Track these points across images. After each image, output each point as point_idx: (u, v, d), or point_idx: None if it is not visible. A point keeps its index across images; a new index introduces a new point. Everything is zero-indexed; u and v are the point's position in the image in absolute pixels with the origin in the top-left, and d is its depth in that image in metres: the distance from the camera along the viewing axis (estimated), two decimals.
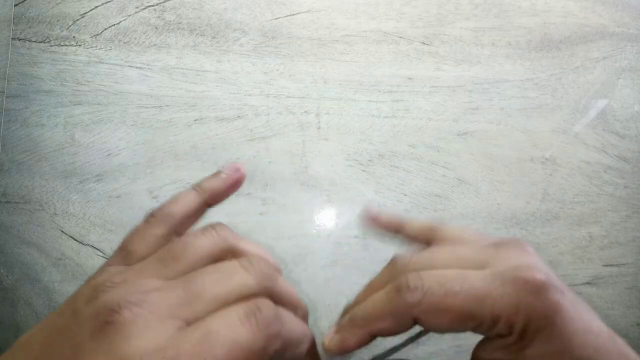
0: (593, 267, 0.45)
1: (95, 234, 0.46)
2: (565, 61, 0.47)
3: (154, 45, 0.48)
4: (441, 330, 0.20)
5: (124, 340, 0.15)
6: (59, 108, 0.47)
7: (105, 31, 0.48)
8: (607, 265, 0.45)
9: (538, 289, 0.19)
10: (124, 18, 0.48)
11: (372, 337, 0.21)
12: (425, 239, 0.24)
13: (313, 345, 0.21)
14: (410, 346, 0.23)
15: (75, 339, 0.16)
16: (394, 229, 0.26)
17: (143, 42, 0.48)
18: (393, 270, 0.22)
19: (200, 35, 0.47)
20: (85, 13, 0.48)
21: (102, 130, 0.47)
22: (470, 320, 0.20)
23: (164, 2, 0.48)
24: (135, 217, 0.46)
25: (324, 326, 0.45)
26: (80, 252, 0.46)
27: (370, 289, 0.23)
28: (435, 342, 0.45)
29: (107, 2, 0.48)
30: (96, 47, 0.48)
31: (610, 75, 0.47)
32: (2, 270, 0.47)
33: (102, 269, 0.19)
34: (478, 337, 0.23)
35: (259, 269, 0.19)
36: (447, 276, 0.20)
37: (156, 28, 0.48)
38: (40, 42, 0.48)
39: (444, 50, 0.47)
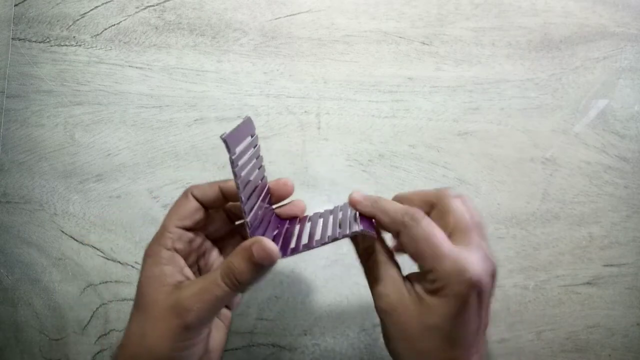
0: (593, 267, 0.45)
1: (95, 234, 0.46)
2: (565, 61, 0.47)
3: (154, 45, 0.47)
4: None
5: None
6: (59, 108, 0.47)
7: (105, 31, 0.48)
8: (607, 265, 0.45)
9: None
10: (124, 18, 0.48)
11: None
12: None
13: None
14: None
15: None
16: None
17: (143, 42, 0.48)
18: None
19: (200, 35, 0.47)
20: (85, 13, 0.48)
21: (102, 130, 0.47)
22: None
23: (164, 2, 0.48)
24: (135, 217, 0.46)
25: (324, 326, 0.45)
26: (80, 252, 0.46)
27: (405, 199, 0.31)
28: None
29: (107, 2, 0.48)
30: (96, 47, 0.48)
31: (611, 75, 0.47)
32: (2, 270, 0.47)
33: None
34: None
35: None
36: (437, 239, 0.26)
37: (156, 28, 0.48)
38: (40, 42, 0.48)
39: (444, 50, 0.47)
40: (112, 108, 0.47)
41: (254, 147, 0.31)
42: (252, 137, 0.31)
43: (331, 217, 0.31)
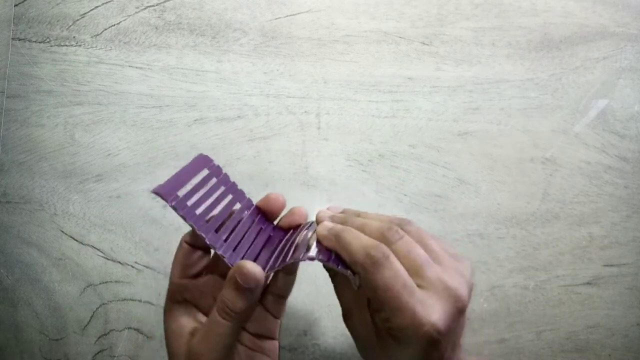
0: (593, 267, 0.45)
1: (95, 234, 0.46)
2: (565, 61, 0.47)
3: (154, 45, 0.47)
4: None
5: None
6: (59, 108, 0.47)
7: (105, 31, 0.48)
8: (607, 265, 0.45)
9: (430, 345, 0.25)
10: (124, 18, 0.48)
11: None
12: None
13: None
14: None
15: None
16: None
17: (143, 42, 0.48)
18: (384, 237, 0.27)
19: (200, 35, 0.47)
20: (85, 13, 0.48)
21: (102, 130, 0.47)
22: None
23: (164, 2, 0.48)
24: (136, 217, 0.46)
25: (324, 326, 0.45)
26: (80, 252, 0.46)
27: (365, 228, 0.28)
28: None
29: (107, 2, 0.48)
30: (96, 47, 0.48)
31: (610, 75, 0.47)
32: (2, 270, 0.47)
33: None
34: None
35: None
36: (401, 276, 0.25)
37: (156, 28, 0.48)
38: (40, 42, 0.48)
39: (444, 50, 0.47)
40: (112, 108, 0.47)
41: (216, 178, 0.32)
42: (209, 169, 0.32)
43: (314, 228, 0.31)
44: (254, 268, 0.27)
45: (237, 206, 0.32)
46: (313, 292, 0.45)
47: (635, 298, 0.45)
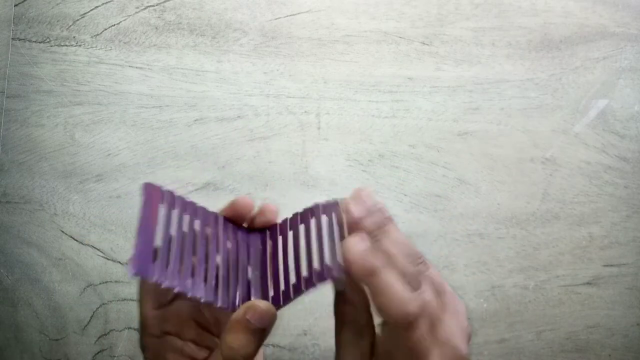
0: (593, 267, 0.45)
1: (95, 234, 0.46)
2: (565, 61, 0.47)
3: (154, 45, 0.48)
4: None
5: None
6: (59, 108, 0.47)
7: (105, 31, 0.48)
8: (607, 265, 0.45)
9: None
10: (124, 18, 0.48)
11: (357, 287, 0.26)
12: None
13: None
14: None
15: None
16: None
17: (143, 42, 0.48)
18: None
19: (200, 35, 0.47)
20: (85, 13, 0.48)
21: (102, 130, 0.47)
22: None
23: (164, 2, 0.48)
24: (136, 217, 0.46)
25: (324, 326, 0.45)
26: (80, 252, 0.46)
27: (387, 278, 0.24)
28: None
29: (107, 2, 0.48)
30: (96, 47, 0.48)
31: (610, 75, 0.47)
32: (2, 270, 0.47)
33: None
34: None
35: None
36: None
37: (156, 28, 0.48)
38: (40, 42, 0.48)
39: (444, 50, 0.47)
40: (112, 108, 0.47)
41: (176, 209, 0.27)
42: (163, 203, 0.26)
43: (313, 231, 0.26)
44: (267, 306, 0.25)
45: (209, 230, 0.27)
46: (313, 292, 0.45)
47: (635, 298, 0.45)
